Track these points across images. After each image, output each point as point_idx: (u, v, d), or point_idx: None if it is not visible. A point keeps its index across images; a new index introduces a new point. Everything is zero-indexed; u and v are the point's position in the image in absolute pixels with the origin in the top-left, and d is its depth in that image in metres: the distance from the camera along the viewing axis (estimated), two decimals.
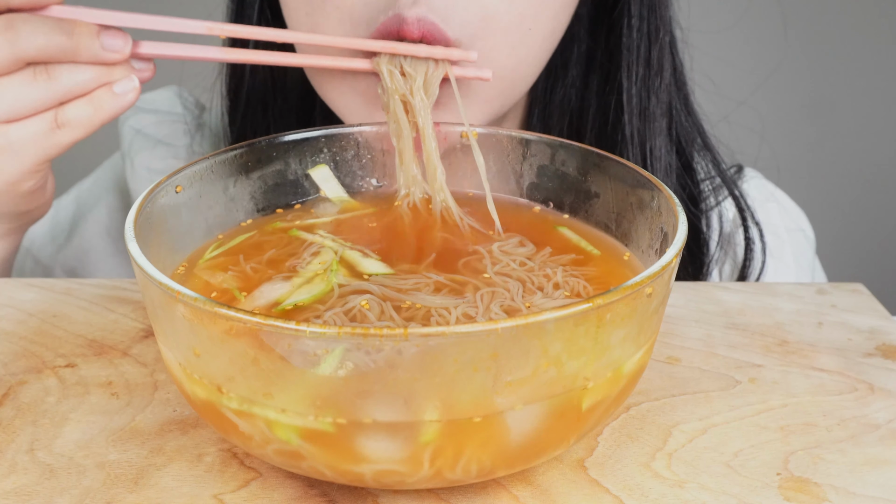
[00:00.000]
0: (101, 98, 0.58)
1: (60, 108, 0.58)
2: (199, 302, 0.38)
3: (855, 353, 0.57)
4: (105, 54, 0.57)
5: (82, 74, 0.57)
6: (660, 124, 0.75)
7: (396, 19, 0.58)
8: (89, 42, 0.56)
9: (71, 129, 0.59)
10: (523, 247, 0.53)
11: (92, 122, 0.59)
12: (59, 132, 0.59)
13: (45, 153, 0.60)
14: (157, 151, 0.88)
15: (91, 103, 0.58)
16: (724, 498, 0.45)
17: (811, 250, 0.87)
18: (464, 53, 0.58)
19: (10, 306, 0.60)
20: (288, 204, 0.58)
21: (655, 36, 0.74)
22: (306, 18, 0.64)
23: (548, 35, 0.65)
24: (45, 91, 0.57)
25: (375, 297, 0.47)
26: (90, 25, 0.56)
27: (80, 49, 0.56)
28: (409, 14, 0.58)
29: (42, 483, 0.45)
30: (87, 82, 0.58)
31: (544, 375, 0.39)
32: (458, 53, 0.58)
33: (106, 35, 0.57)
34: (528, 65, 0.65)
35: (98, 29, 0.57)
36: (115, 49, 0.57)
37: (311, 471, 0.41)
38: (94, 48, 0.57)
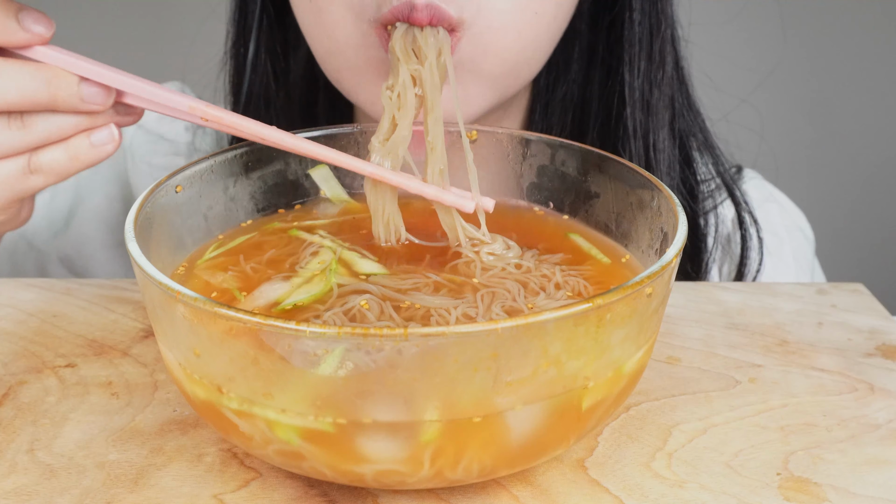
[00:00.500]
0: (78, 147, 0.55)
1: (35, 153, 0.55)
2: (199, 302, 0.38)
3: (855, 353, 0.57)
4: (85, 106, 0.53)
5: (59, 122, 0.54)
6: (662, 117, 0.75)
7: (407, 5, 0.59)
8: (68, 93, 0.53)
9: (44, 175, 0.56)
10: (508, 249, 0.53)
11: (66, 170, 0.56)
12: (32, 177, 0.56)
13: (15, 195, 0.57)
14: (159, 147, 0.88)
15: (67, 151, 0.55)
16: (724, 498, 0.45)
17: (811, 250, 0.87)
18: (458, 202, 0.54)
19: (10, 306, 0.60)
20: (288, 204, 0.58)
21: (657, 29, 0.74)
22: (310, 4, 0.65)
23: (552, 21, 0.65)
24: (17, 139, 0.54)
25: (375, 297, 0.47)
26: (70, 76, 0.53)
27: (58, 101, 0.53)
28: (419, 1, 0.58)
29: (42, 483, 0.45)
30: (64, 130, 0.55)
31: (544, 375, 0.39)
32: (452, 200, 0.55)
33: (87, 85, 0.53)
34: (535, 49, 0.66)
35: (79, 79, 0.53)
36: (96, 101, 0.53)
37: (312, 471, 0.41)
38: (73, 101, 0.53)
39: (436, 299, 0.47)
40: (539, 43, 0.66)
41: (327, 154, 0.53)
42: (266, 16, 0.77)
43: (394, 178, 0.53)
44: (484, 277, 0.50)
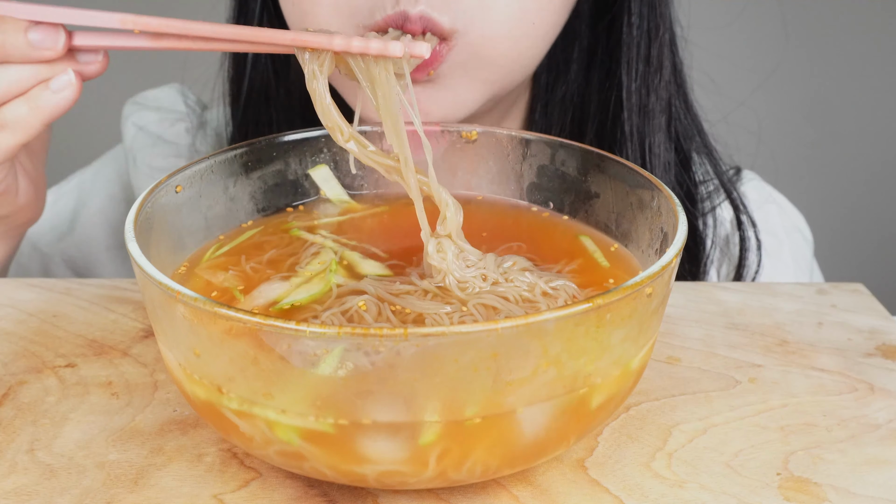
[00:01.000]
0: (38, 97, 0.55)
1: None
2: (199, 302, 0.38)
3: (855, 353, 0.57)
4: (36, 52, 0.53)
5: (17, 73, 0.54)
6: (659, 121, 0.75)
7: (401, 16, 0.59)
8: (17, 41, 0.52)
9: (11, 130, 0.56)
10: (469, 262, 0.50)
11: (31, 122, 0.55)
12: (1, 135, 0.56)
13: None
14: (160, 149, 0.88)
15: (27, 102, 0.55)
16: (724, 498, 0.45)
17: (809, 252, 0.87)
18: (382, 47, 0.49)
19: (10, 306, 0.60)
20: (288, 204, 0.58)
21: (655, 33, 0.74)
22: (293, 7, 0.65)
23: (550, 28, 0.66)
24: None
25: (372, 297, 0.47)
26: (17, 22, 0.52)
27: (7, 48, 0.53)
28: (412, 11, 0.59)
29: (42, 483, 0.45)
30: (23, 81, 0.54)
31: (544, 376, 0.39)
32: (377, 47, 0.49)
33: (35, 30, 0.52)
34: (531, 56, 0.66)
35: (27, 25, 0.52)
36: (46, 46, 0.53)
37: (313, 471, 0.41)
38: (24, 47, 0.52)
39: (426, 304, 0.47)
40: (533, 49, 0.66)
41: (251, 34, 0.50)
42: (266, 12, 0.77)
43: (316, 38, 0.49)
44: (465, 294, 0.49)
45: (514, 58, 0.64)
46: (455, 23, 0.60)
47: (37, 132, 0.56)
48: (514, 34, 0.63)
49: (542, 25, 0.64)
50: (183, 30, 0.52)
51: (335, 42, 0.48)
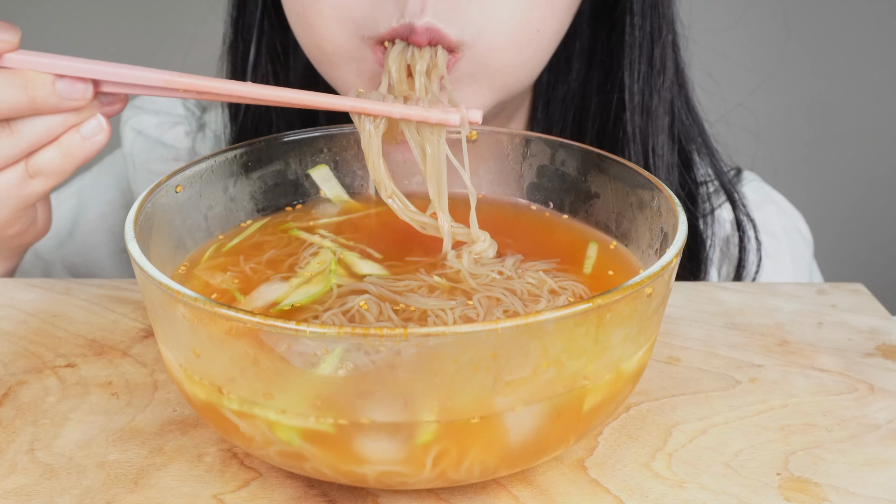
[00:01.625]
0: (70, 143, 0.56)
1: (31, 157, 0.56)
2: (199, 302, 0.38)
3: (855, 353, 0.57)
4: (65, 103, 0.54)
5: (45, 122, 0.55)
6: (662, 122, 0.75)
7: (406, 28, 0.59)
8: (45, 93, 0.54)
9: (44, 177, 0.57)
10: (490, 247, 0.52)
11: (63, 168, 0.57)
12: (33, 182, 0.57)
13: (23, 202, 0.58)
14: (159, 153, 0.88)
15: (60, 149, 0.56)
16: (724, 498, 0.45)
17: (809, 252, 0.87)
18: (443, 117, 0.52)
19: (10, 306, 0.60)
20: (288, 204, 0.58)
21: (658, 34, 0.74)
22: (298, 18, 0.64)
23: (554, 35, 0.65)
24: (9, 146, 0.55)
25: (373, 297, 0.47)
26: (45, 77, 0.53)
27: (37, 103, 0.54)
28: (418, 23, 0.58)
29: (42, 483, 0.45)
30: (53, 129, 0.56)
31: (544, 375, 0.39)
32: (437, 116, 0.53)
33: (63, 83, 0.54)
34: (536, 62, 0.66)
35: (54, 78, 0.54)
36: (75, 97, 0.54)
37: (313, 471, 0.41)
38: (52, 100, 0.54)
39: (430, 301, 0.47)
40: (539, 55, 0.66)
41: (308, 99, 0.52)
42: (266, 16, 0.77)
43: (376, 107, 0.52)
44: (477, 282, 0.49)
45: (520, 65, 0.64)
46: (462, 35, 0.60)
47: (67, 176, 0.58)
48: (519, 42, 0.62)
49: (547, 33, 0.64)
50: (229, 91, 0.53)
51: (395, 110, 0.52)
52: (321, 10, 0.62)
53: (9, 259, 0.68)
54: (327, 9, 0.62)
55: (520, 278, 0.50)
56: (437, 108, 0.52)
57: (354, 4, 0.61)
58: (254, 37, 0.78)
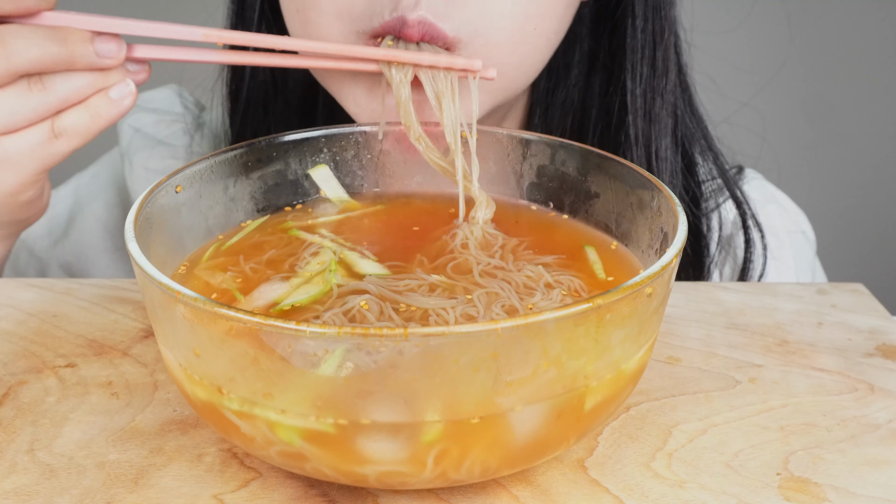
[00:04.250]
0: (98, 105, 0.57)
1: (57, 116, 0.57)
2: (199, 302, 0.38)
3: (855, 353, 0.57)
4: (100, 61, 0.56)
5: (77, 81, 0.56)
6: (665, 125, 0.75)
7: (398, 21, 0.58)
8: (83, 49, 0.55)
9: (68, 137, 0.58)
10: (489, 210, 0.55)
11: (90, 129, 0.58)
12: (57, 142, 0.58)
13: (44, 163, 0.59)
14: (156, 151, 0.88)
15: (87, 110, 0.57)
16: (724, 498, 0.45)
17: (811, 251, 0.87)
18: (468, 62, 0.58)
19: (10, 306, 0.60)
20: (288, 204, 0.58)
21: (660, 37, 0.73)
22: (297, 15, 0.64)
23: (552, 34, 0.65)
24: (40, 102, 0.56)
25: (374, 297, 0.47)
26: (83, 32, 0.55)
27: (75, 57, 0.55)
28: (411, 17, 0.58)
29: (42, 483, 0.45)
30: (83, 89, 0.57)
31: (544, 375, 0.39)
32: (462, 62, 0.58)
33: (100, 41, 0.55)
34: (532, 62, 0.66)
35: (91, 35, 0.55)
36: (110, 55, 0.56)
37: (314, 472, 0.41)
38: (89, 55, 0.55)
39: (430, 300, 0.47)
40: (536, 56, 0.65)
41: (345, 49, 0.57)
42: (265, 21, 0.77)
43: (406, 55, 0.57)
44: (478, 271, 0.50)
45: (516, 64, 0.64)
46: (459, 32, 0.60)
47: (90, 139, 0.59)
48: (514, 40, 0.62)
49: (544, 31, 0.64)
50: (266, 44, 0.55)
51: (423, 58, 0.58)
52: (321, 5, 0.62)
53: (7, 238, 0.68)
54: (327, 4, 0.62)
55: (519, 271, 0.50)
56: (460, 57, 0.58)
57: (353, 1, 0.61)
58: None
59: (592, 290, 0.49)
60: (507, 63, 0.63)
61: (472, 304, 0.46)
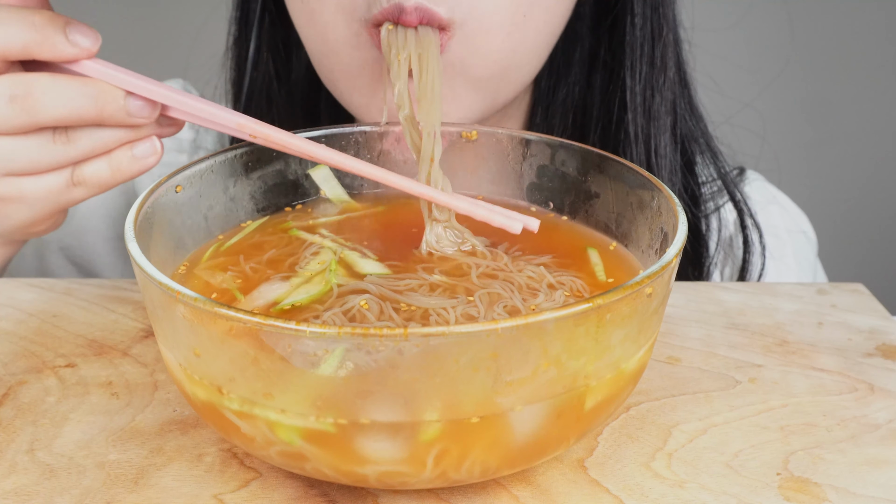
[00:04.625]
0: (121, 160, 0.55)
1: (78, 165, 0.56)
2: (199, 302, 0.38)
3: (855, 353, 0.57)
4: (130, 120, 0.53)
5: (103, 136, 0.54)
6: (664, 122, 0.75)
7: (396, 8, 0.59)
8: (115, 109, 0.52)
9: (87, 187, 0.56)
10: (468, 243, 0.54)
11: (108, 182, 0.56)
12: (74, 190, 0.56)
13: (58, 206, 0.58)
14: None
15: (109, 164, 0.55)
16: (724, 498, 0.45)
17: (813, 252, 0.87)
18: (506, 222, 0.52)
19: (10, 306, 0.60)
20: (288, 204, 0.58)
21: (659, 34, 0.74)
22: (301, 5, 0.65)
23: (542, 25, 0.65)
24: (63, 154, 0.54)
25: (374, 296, 0.47)
26: (117, 91, 0.52)
27: (105, 116, 0.53)
28: (407, 3, 0.59)
29: (42, 483, 0.45)
30: (108, 143, 0.55)
31: (544, 375, 0.39)
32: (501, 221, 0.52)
33: (132, 101, 0.53)
34: (525, 53, 0.66)
35: (125, 94, 0.52)
36: (142, 115, 0.53)
37: (315, 472, 0.41)
38: (120, 115, 0.53)
39: (431, 300, 0.47)
40: (528, 47, 0.65)
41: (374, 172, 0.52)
42: (268, 13, 0.77)
43: (442, 198, 0.52)
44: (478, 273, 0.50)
45: (508, 52, 0.64)
46: (453, 13, 0.60)
47: (109, 189, 0.57)
48: (505, 25, 0.63)
49: (534, 20, 0.64)
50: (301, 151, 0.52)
51: (461, 205, 0.53)
52: None
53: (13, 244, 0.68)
54: None
55: (520, 272, 0.50)
56: (499, 212, 0.52)
57: None
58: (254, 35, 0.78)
59: (595, 291, 0.49)
60: (501, 49, 0.63)
61: (474, 304, 0.46)
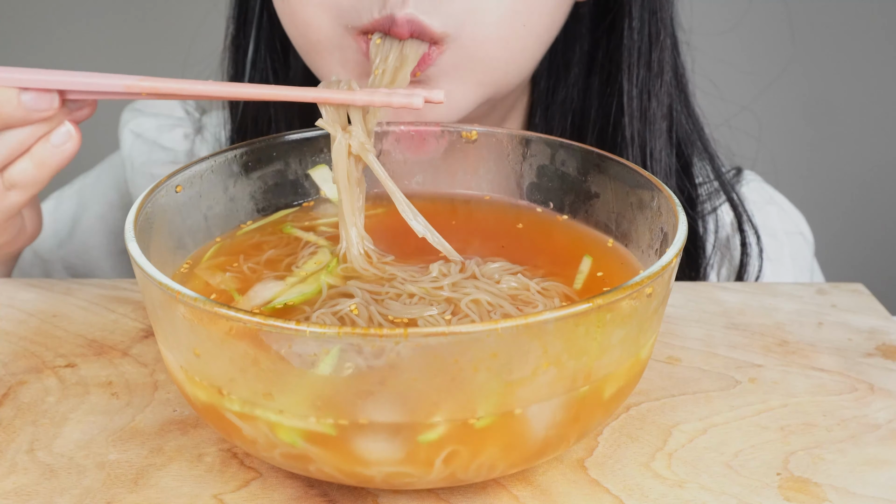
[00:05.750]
0: (42, 154, 0.56)
1: (5, 170, 0.57)
2: (199, 302, 0.38)
3: (855, 353, 0.57)
4: (33, 115, 0.54)
5: (16, 136, 0.55)
6: (660, 126, 0.75)
7: (387, 20, 0.58)
8: (12, 108, 0.53)
9: (20, 189, 0.57)
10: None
11: (38, 178, 0.57)
12: (10, 194, 0.57)
13: (3, 215, 0.59)
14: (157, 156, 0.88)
15: (32, 160, 0.56)
16: (724, 498, 0.45)
17: (810, 253, 0.87)
18: (406, 100, 0.52)
19: (10, 306, 0.60)
20: (288, 204, 0.58)
21: (656, 38, 0.73)
22: (282, 4, 0.65)
23: (542, 31, 0.65)
24: None
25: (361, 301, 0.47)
26: (8, 91, 0.53)
27: (5, 118, 0.54)
28: (399, 15, 0.58)
29: (42, 483, 0.45)
30: (24, 141, 0.55)
31: (544, 376, 0.39)
32: (400, 100, 0.52)
33: (28, 96, 0.53)
34: (524, 58, 0.65)
35: (18, 92, 0.53)
36: (42, 108, 0.54)
37: (318, 473, 0.41)
38: (20, 113, 0.54)
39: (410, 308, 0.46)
40: (527, 52, 0.65)
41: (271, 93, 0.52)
42: (267, 12, 0.77)
43: (338, 96, 0.52)
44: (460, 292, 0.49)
45: (506, 60, 0.64)
46: (446, 27, 0.60)
47: (44, 185, 0.58)
48: (503, 35, 0.62)
49: (534, 27, 0.64)
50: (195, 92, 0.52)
51: (357, 98, 0.52)
52: None
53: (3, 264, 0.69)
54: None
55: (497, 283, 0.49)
56: (400, 95, 0.52)
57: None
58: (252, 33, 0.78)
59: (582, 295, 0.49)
60: (498, 58, 0.63)
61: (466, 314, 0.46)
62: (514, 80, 0.67)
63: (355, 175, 0.53)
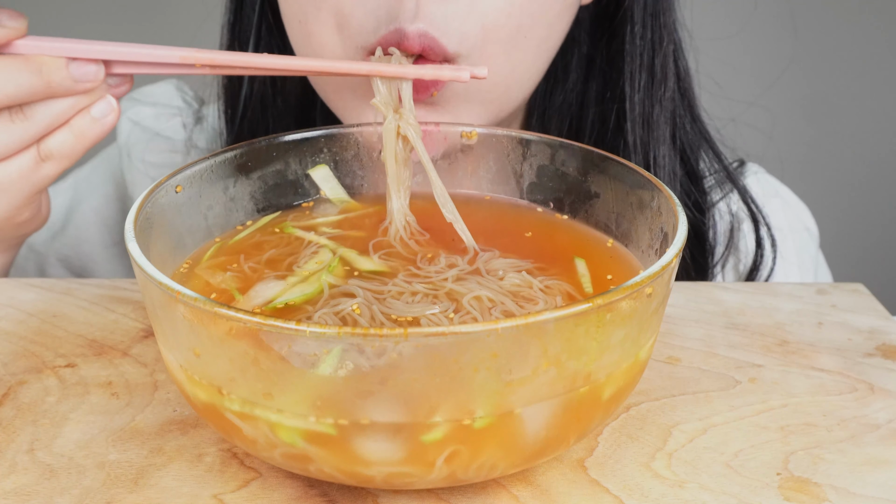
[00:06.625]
0: (81, 125, 0.57)
1: (42, 140, 0.57)
2: (199, 302, 0.38)
3: (855, 353, 0.57)
4: (78, 86, 0.55)
5: (58, 106, 0.56)
6: (663, 133, 0.74)
7: (397, 34, 0.58)
8: (60, 77, 0.55)
9: (56, 160, 0.58)
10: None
11: (75, 150, 0.58)
12: (45, 165, 0.58)
13: (35, 187, 0.59)
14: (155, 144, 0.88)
15: (72, 131, 0.57)
16: (724, 498, 0.45)
17: (815, 246, 0.87)
18: (455, 73, 0.55)
19: (10, 306, 0.60)
20: (288, 204, 0.58)
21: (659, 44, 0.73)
22: (299, 26, 0.64)
23: (542, 41, 0.65)
24: (24, 131, 0.56)
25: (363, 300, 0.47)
26: (58, 60, 0.55)
27: (52, 86, 0.55)
28: (410, 29, 0.57)
29: (42, 483, 0.45)
30: (65, 112, 0.57)
31: (544, 376, 0.39)
32: (449, 73, 0.55)
33: (76, 66, 0.55)
34: (525, 69, 0.65)
35: (66, 61, 0.55)
36: (88, 78, 0.55)
37: (319, 473, 0.41)
38: (66, 83, 0.55)
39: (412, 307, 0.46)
40: (529, 65, 0.65)
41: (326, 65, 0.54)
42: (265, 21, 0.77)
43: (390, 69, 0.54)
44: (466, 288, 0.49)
45: (508, 71, 0.63)
46: (460, 47, 0.59)
47: (78, 158, 0.58)
48: (506, 46, 0.62)
49: (534, 38, 0.63)
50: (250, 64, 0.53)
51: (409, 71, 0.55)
52: (323, 18, 0.62)
53: (9, 250, 0.69)
54: (329, 17, 0.61)
55: (500, 280, 0.49)
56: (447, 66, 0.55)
57: (353, 10, 0.60)
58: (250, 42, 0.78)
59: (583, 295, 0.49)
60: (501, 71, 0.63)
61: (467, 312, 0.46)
62: (516, 92, 0.67)
63: (402, 155, 0.54)
